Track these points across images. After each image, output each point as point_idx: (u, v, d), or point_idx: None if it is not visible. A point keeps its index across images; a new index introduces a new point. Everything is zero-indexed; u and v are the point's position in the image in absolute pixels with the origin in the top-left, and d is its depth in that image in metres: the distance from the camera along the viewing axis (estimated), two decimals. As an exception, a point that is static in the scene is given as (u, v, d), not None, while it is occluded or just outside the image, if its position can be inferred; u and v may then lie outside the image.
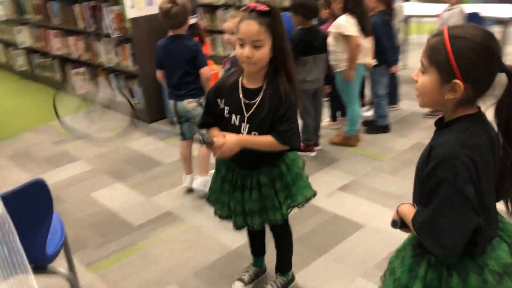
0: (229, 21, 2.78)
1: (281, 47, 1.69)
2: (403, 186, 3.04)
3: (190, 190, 3.17)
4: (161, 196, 3.17)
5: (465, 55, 1.11)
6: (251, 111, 1.75)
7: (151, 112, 4.55)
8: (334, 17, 3.44)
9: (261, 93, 1.74)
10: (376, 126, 3.98)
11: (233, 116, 1.79)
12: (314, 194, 1.96)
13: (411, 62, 5.49)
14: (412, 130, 3.99)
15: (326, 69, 3.46)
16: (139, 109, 4.59)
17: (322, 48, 3.37)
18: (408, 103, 4.45)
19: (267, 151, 1.77)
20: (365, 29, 3.37)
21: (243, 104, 1.76)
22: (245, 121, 1.77)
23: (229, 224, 1.99)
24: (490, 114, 1.22)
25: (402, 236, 1.39)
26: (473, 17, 4.19)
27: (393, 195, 2.95)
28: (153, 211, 2.98)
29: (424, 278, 1.27)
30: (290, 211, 1.94)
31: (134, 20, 4.19)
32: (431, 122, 4.14)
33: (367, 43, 3.45)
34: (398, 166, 3.37)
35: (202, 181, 3.07)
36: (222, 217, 1.97)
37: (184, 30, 2.93)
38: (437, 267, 1.26)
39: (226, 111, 1.81)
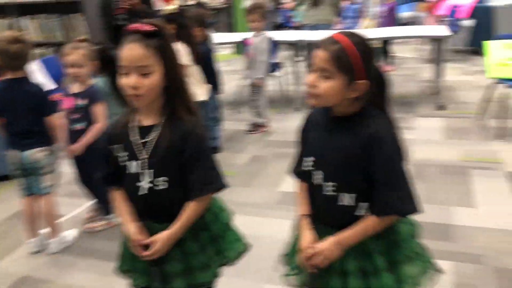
0: (71, 53, 2.57)
1: (174, 73, 1.43)
2: (259, 194, 3.26)
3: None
4: (6, 261, 2.67)
5: (367, 57, 1.29)
6: (149, 153, 1.46)
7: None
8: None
9: (159, 130, 1.45)
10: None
11: (132, 163, 1.48)
12: (247, 248, 1.70)
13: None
14: (243, 146, 4.29)
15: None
16: None
17: None
18: (228, 124, 4.75)
19: (198, 214, 1.52)
20: (196, 57, 3.51)
21: (140, 146, 1.46)
22: (145, 166, 1.46)
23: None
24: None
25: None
26: (274, 41, 4.77)
27: (255, 204, 3.13)
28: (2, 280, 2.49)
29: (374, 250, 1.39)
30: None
31: None
32: (255, 136, 4.54)
33: (196, 71, 3.59)
34: (247, 178, 3.59)
35: (59, 243, 2.78)
36: None
37: (25, 73, 2.56)
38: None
39: (122, 158, 1.49)
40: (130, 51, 1.36)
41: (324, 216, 1.45)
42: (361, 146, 1.32)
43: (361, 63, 1.27)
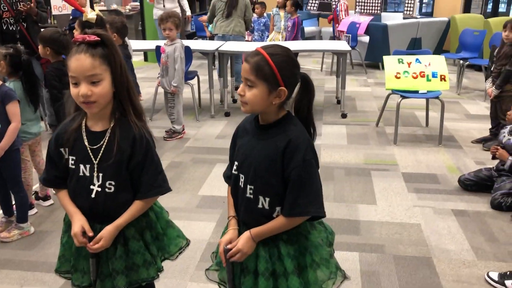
0: None
1: (122, 79, 1.50)
2: (180, 199, 3.36)
3: None
4: None
5: (284, 67, 1.42)
6: (99, 157, 1.52)
7: None
8: None
9: (108, 135, 1.52)
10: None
11: (81, 167, 1.54)
12: (187, 243, 1.78)
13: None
14: (160, 152, 4.30)
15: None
16: None
17: None
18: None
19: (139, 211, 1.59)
20: None
21: (89, 151, 1.53)
22: (96, 169, 1.53)
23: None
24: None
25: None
26: (188, 49, 4.88)
27: (177, 208, 3.21)
28: None
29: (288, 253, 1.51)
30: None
31: None
32: (172, 143, 4.78)
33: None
34: (166, 184, 3.64)
35: None
36: None
37: None
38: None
39: (71, 162, 1.55)
40: (78, 61, 1.43)
41: (246, 218, 1.55)
42: (279, 152, 1.43)
43: (277, 71, 1.41)
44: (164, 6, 7.14)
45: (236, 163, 1.56)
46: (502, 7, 8.53)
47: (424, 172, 3.78)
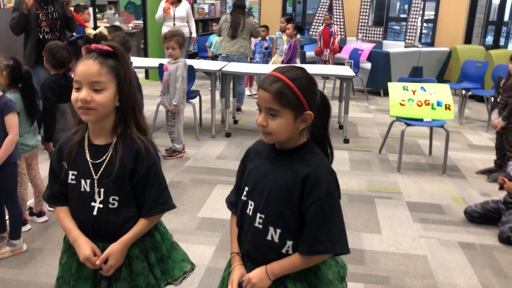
0: None
1: (128, 93, 1.45)
2: (179, 220, 3.25)
3: None
4: None
5: (307, 89, 1.34)
6: (100, 172, 1.46)
7: None
8: None
9: (110, 149, 1.46)
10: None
11: (82, 182, 1.48)
12: (192, 268, 1.70)
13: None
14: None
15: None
16: None
17: None
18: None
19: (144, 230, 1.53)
20: None
21: (90, 165, 1.47)
22: (96, 185, 1.46)
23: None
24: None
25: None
26: (192, 69, 4.83)
27: (175, 229, 3.10)
28: None
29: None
30: None
31: None
32: (172, 162, 4.64)
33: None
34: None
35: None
36: None
37: None
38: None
39: (71, 177, 1.49)
40: (85, 66, 1.39)
41: (251, 250, 1.43)
42: (298, 182, 1.33)
43: (302, 96, 1.33)
44: (174, 24, 7.15)
45: (246, 188, 1.46)
46: (501, 41, 8.60)
47: (428, 201, 3.70)
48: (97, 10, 8.82)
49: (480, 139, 5.48)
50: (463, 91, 6.20)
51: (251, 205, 1.43)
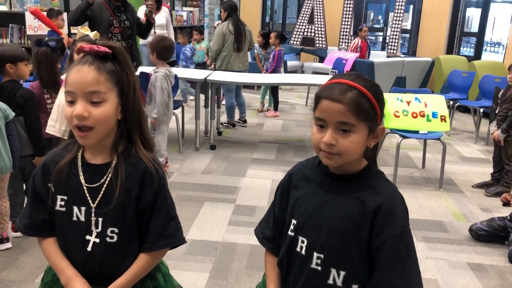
0: None
1: (133, 104, 1.20)
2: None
3: None
4: None
5: (381, 99, 1.13)
6: (98, 198, 1.20)
7: None
8: None
9: (110, 170, 1.20)
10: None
11: (75, 210, 1.21)
12: None
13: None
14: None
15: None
16: None
17: None
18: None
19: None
20: None
21: (85, 190, 1.21)
22: (93, 214, 1.20)
23: None
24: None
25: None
26: (174, 78, 4.56)
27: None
28: None
29: None
30: None
31: None
32: None
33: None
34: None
35: None
36: None
37: None
38: None
39: (59, 202, 1.22)
40: (79, 73, 1.13)
41: None
42: (367, 214, 1.10)
43: (378, 107, 1.10)
44: (155, 32, 6.83)
45: (293, 221, 1.19)
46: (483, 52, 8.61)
47: (429, 218, 3.52)
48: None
49: (470, 151, 5.37)
50: (451, 102, 6.11)
51: (302, 242, 1.17)
